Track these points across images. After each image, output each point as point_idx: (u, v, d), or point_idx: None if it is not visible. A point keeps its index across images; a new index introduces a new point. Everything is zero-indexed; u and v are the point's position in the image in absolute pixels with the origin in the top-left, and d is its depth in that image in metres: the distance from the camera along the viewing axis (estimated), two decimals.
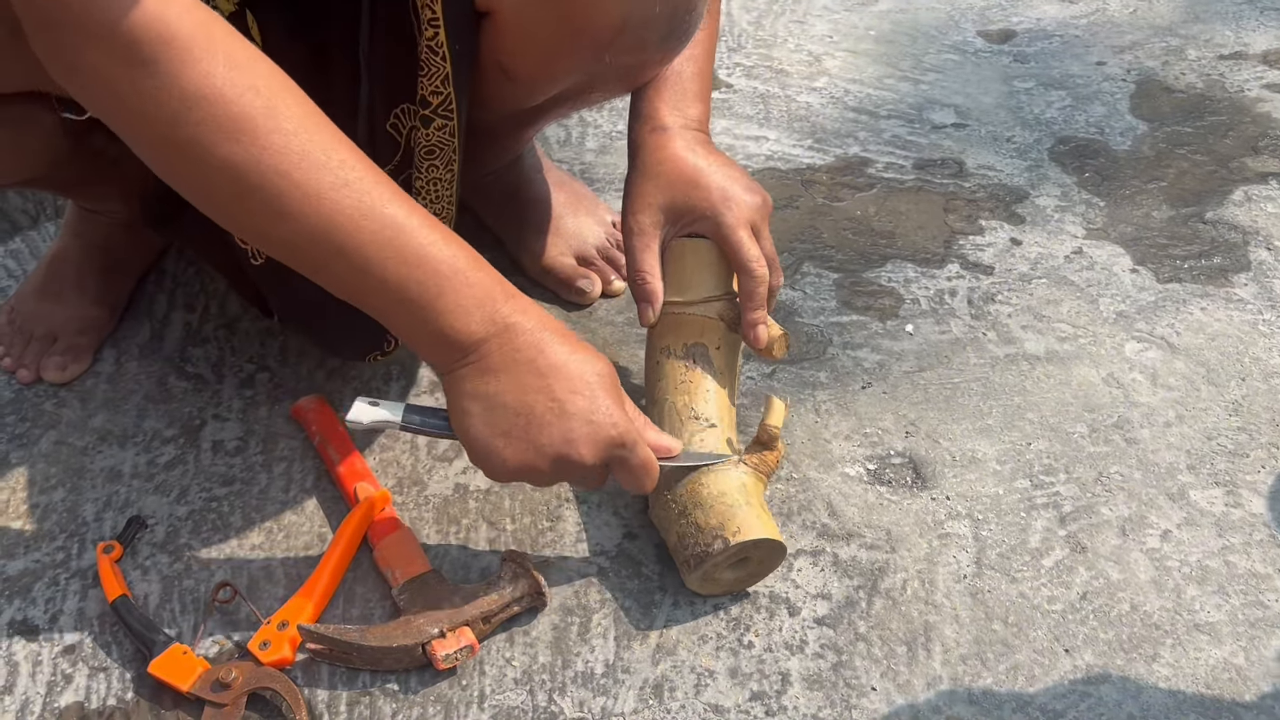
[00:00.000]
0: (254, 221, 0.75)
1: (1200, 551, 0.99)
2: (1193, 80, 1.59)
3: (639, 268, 0.97)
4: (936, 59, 1.63)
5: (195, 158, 0.71)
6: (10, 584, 0.95)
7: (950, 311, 1.22)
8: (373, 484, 0.99)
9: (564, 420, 0.80)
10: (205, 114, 0.69)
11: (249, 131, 0.70)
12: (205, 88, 0.69)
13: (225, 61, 0.69)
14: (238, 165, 0.71)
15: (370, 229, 0.74)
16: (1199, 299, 1.24)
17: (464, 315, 0.78)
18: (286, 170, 0.71)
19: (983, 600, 0.95)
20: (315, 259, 0.77)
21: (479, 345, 0.79)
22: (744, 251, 0.95)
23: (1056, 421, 1.10)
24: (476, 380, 0.80)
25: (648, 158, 0.97)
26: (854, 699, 0.88)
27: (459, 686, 0.88)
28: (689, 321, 0.98)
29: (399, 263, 0.75)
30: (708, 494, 0.90)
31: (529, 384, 0.80)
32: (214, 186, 0.74)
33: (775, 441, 0.94)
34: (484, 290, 0.78)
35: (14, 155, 0.89)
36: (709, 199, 0.96)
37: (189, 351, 1.15)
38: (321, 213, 0.73)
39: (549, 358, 0.80)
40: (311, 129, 0.73)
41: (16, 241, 1.28)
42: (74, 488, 1.02)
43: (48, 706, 0.87)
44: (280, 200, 0.72)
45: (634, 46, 0.89)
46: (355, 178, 0.74)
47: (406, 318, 0.78)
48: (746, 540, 0.88)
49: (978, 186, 1.40)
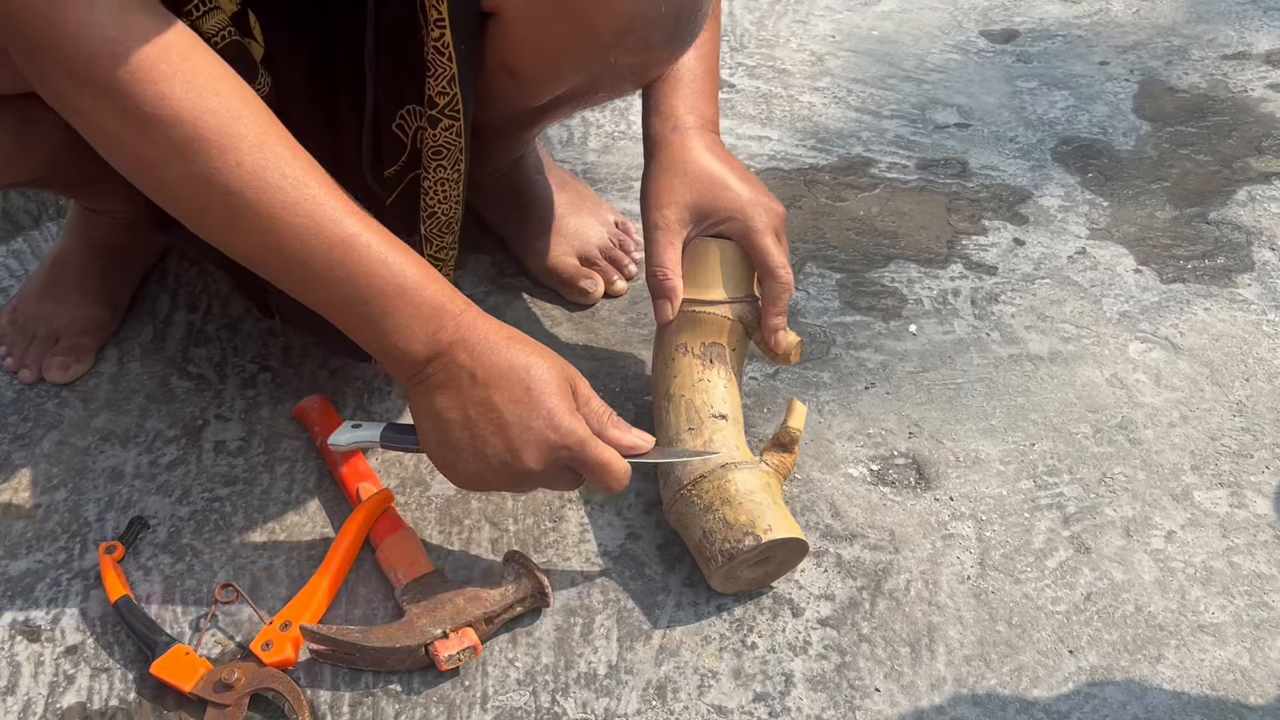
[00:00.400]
0: (214, 232, 0.79)
1: (1205, 552, 0.99)
2: (1196, 80, 1.59)
3: (661, 263, 0.97)
4: (939, 59, 1.63)
5: (156, 176, 0.75)
6: (12, 584, 0.95)
7: (954, 312, 1.22)
8: (375, 484, 0.99)
9: (504, 431, 0.81)
10: (160, 136, 0.72)
11: (202, 153, 0.73)
12: (161, 111, 0.72)
13: (183, 84, 0.72)
14: (193, 183, 0.74)
15: (319, 248, 0.76)
16: (1203, 299, 1.24)
17: (408, 335, 0.80)
18: (238, 190, 0.74)
19: (986, 601, 0.95)
20: (272, 272, 0.79)
21: (425, 364, 0.81)
22: (772, 258, 0.97)
23: (1060, 422, 1.10)
24: (426, 398, 0.83)
25: (672, 155, 0.98)
26: (858, 700, 0.88)
27: (462, 687, 0.88)
28: (709, 321, 0.98)
29: (346, 282, 0.78)
30: (736, 491, 0.90)
31: (470, 398, 0.81)
32: (176, 201, 0.77)
33: (795, 444, 0.95)
34: (430, 309, 0.80)
35: (18, 157, 0.89)
36: (738, 202, 0.97)
37: (191, 352, 1.15)
38: (273, 230, 0.76)
39: (489, 370, 0.81)
40: (267, 147, 0.75)
41: (19, 241, 1.28)
42: (76, 488, 1.02)
43: (50, 707, 0.87)
44: (234, 216, 0.75)
45: (639, 46, 0.88)
46: (308, 196, 0.76)
47: (360, 333, 0.81)
48: (777, 539, 0.88)
49: (981, 186, 1.39)
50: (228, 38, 0.82)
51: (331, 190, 0.77)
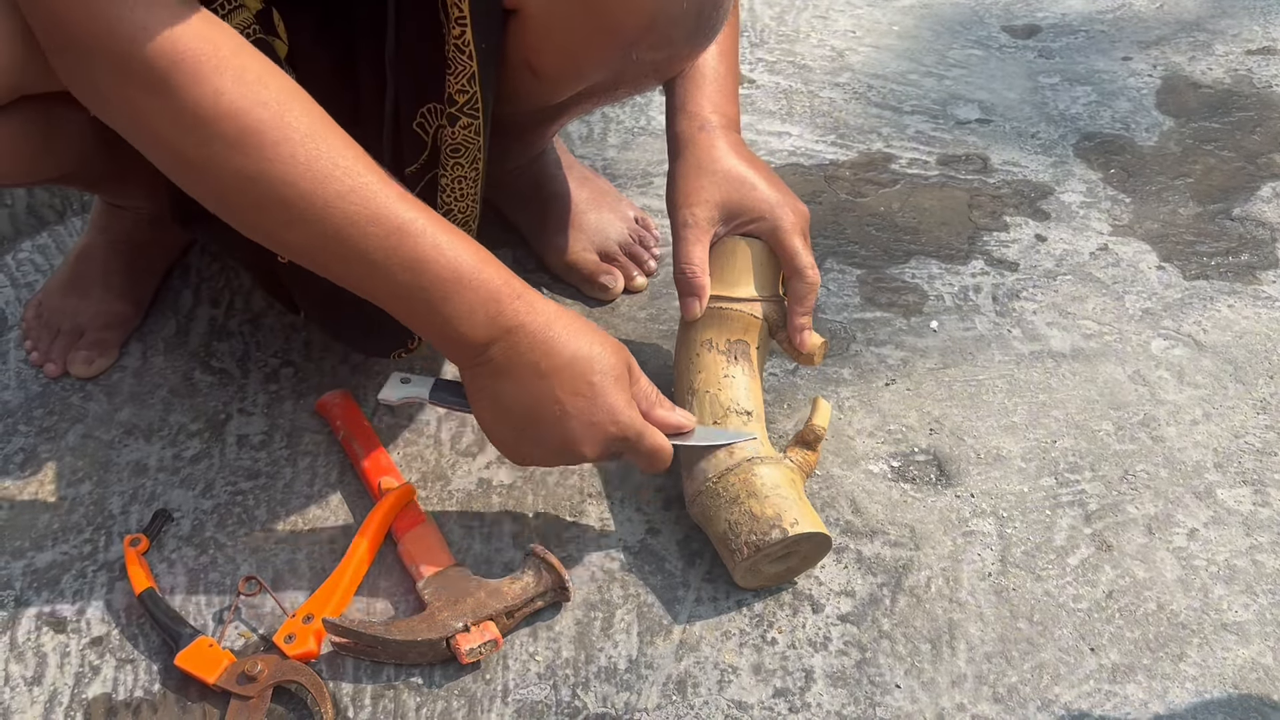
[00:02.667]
0: (268, 229, 0.78)
1: (1228, 550, 0.98)
2: (1220, 75, 1.57)
3: (689, 260, 0.98)
4: (961, 54, 1.62)
5: (209, 173, 0.74)
6: (39, 576, 0.96)
7: (975, 308, 1.22)
8: (397, 478, 1.00)
9: (565, 422, 0.83)
10: (215, 131, 0.72)
11: (256, 145, 0.72)
12: (215, 106, 0.71)
13: (234, 78, 0.72)
14: (248, 177, 0.73)
15: (376, 235, 0.76)
16: (1226, 296, 1.23)
17: (468, 320, 0.80)
18: (293, 180, 0.74)
19: (1007, 598, 0.94)
20: (327, 264, 0.79)
21: (486, 349, 0.81)
22: (800, 258, 0.98)
23: (1082, 419, 1.09)
24: (486, 381, 0.83)
25: (700, 154, 0.99)
26: (878, 696, 0.88)
27: (483, 680, 0.88)
28: (735, 318, 0.99)
29: (403, 269, 0.77)
30: (762, 484, 0.90)
31: (531, 388, 0.82)
32: (228, 198, 0.77)
33: (819, 442, 0.95)
34: (489, 293, 0.80)
35: (44, 154, 0.90)
36: (766, 202, 0.98)
37: (214, 346, 1.16)
38: (329, 220, 0.75)
39: (552, 359, 0.82)
40: (319, 138, 0.75)
41: (43, 236, 1.29)
42: (100, 481, 1.03)
43: (75, 698, 0.87)
44: (289, 209, 0.75)
45: (661, 43, 0.88)
46: (361, 184, 0.76)
47: (418, 321, 0.81)
48: (803, 533, 0.88)
49: (1002, 182, 1.39)
50: (253, 35, 0.82)
51: (383, 178, 0.77)
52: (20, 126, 0.83)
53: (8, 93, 0.78)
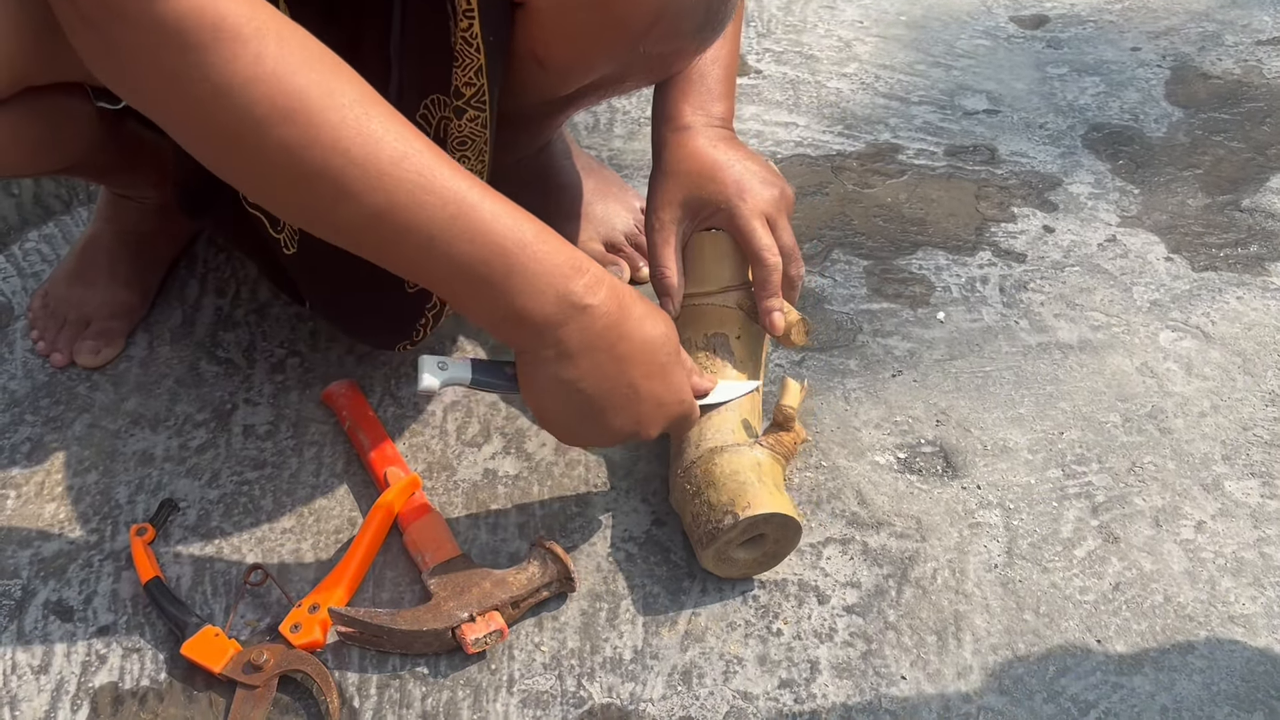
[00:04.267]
0: (314, 206, 0.73)
1: (1235, 543, 0.98)
2: (1230, 66, 1.56)
3: (658, 262, 0.98)
4: (969, 44, 1.61)
5: (251, 144, 0.69)
6: (45, 565, 0.96)
7: (982, 299, 1.21)
8: (403, 469, 1.00)
9: (637, 404, 0.83)
10: (259, 95, 0.67)
11: (304, 110, 0.68)
12: (258, 70, 0.67)
13: (277, 42, 0.67)
14: (294, 147, 0.68)
15: (432, 204, 0.71)
16: (1235, 288, 1.23)
17: (536, 296, 0.75)
18: (345, 147, 0.69)
19: (1014, 590, 0.94)
20: (378, 240, 0.74)
21: (556, 329, 0.77)
22: (755, 240, 0.96)
23: (1089, 411, 1.09)
24: (555, 365, 0.79)
25: (670, 156, 0.99)
26: (883, 687, 0.88)
27: (488, 670, 0.88)
28: (708, 312, 0.99)
29: (465, 240, 0.73)
30: (720, 472, 0.90)
31: (607, 371, 0.80)
32: (270, 173, 0.71)
33: (790, 422, 0.94)
34: (554, 266, 0.76)
35: (51, 146, 0.90)
36: (724, 192, 0.97)
37: (220, 336, 1.16)
38: (382, 189, 0.70)
39: (628, 342, 0.80)
40: (367, 104, 0.70)
41: (50, 226, 1.29)
42: (107, 470, 1.03)
43: (82, 686, 0.88)
44: (339, 179, 0.70)
45: (669, 35, 0.88)
46: (414, 150, 0.71)
47: (477, 299, 0.76)
48: (756, 515, 0.87)
49: (1010, 173, 1.38)
50: None
51: (434, 148, 0.73)
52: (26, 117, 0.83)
53: (13, 84, 0.78)
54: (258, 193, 0.75)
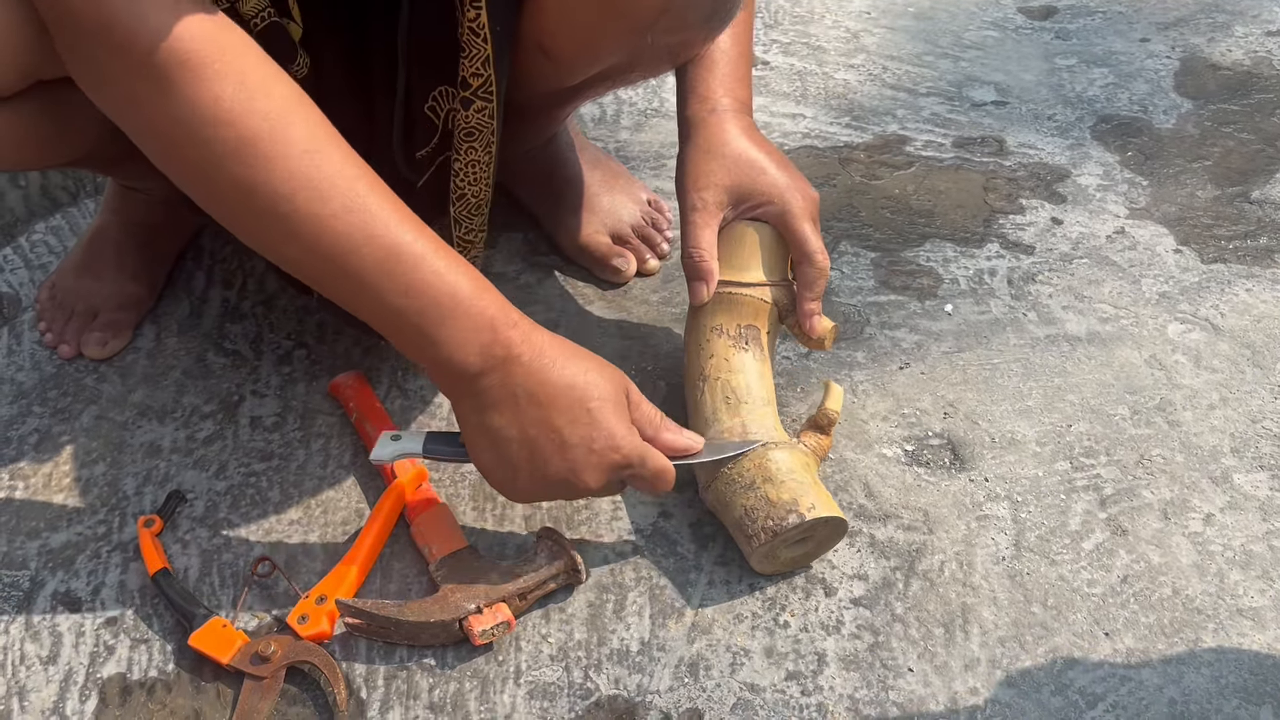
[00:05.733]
0: (264, 240, 0.77)
1: (1244, 536, 0.98)
2: (1239, 57, 1.56)
3: (697, 244, 0.97)
4: (976, 35, 1.61)
5: (205, 177, 0.73)
6: (54, 556, 0.96)
7: (990, 291, 1.21)
8: (410, 461, 0.99)
9: (566, 452, 0.81)
10: (214, 135, 0.71)
11: (253, 156, 0.71)
12: (216, 111, 0.70)
13: (236, 84, 0.71)
14: (244, 187, 0.72)
15: (373, 257, 0.75)
16: (1244, 280, 1.22)
17: (462, 348, 0.78)
18: (289, 194, 0.72)
19: (1021, 582, 0.94)
20: (321, 279, 0.78)
21: (478, 379, 0.80)
22: (810, 243, 0.97)
23: (1098, 403, 1.09)
24: (481, 414, 0.81)
25: (710, 138, 0.98)
26: (891, 680, 0.88)
27: (495, 662, 0.89)
28: (745, 303, 0.98)
29: (400, 293, 0.76)
30: (778, 469, 0.90)
31: (529, 417, 0.80)
32: (224, 205, 0.76)
33: (832, 426, 0.95)
34: (484, 320, 0.78)
35: (59, 139, 0.90)
36: (776, 186, 0.97)
37: (227, 328, 1.16)
38: (323, 238, 0.74)
39: (548, 389, 0.80)
40: (318, 153, 0.73)
41: (57, 218, 1.29)
42: (114, 462, 1.03)
43: (90, 677, 0.88)
44: (285, 223, 0.73)
45: (677, 26, 0.88)
46: (359, 205, 0.74)
47: (408, 345, 0.80)
48: (820, 517, 0.88)
49: (1018, 165, 1.38)
50: (267, 19, 0.81)
51: (384, 196, 0.76)
52: (36, 112, 0.83)
53: (22, 78, 0.78)
54: (217, 217, 0.78)
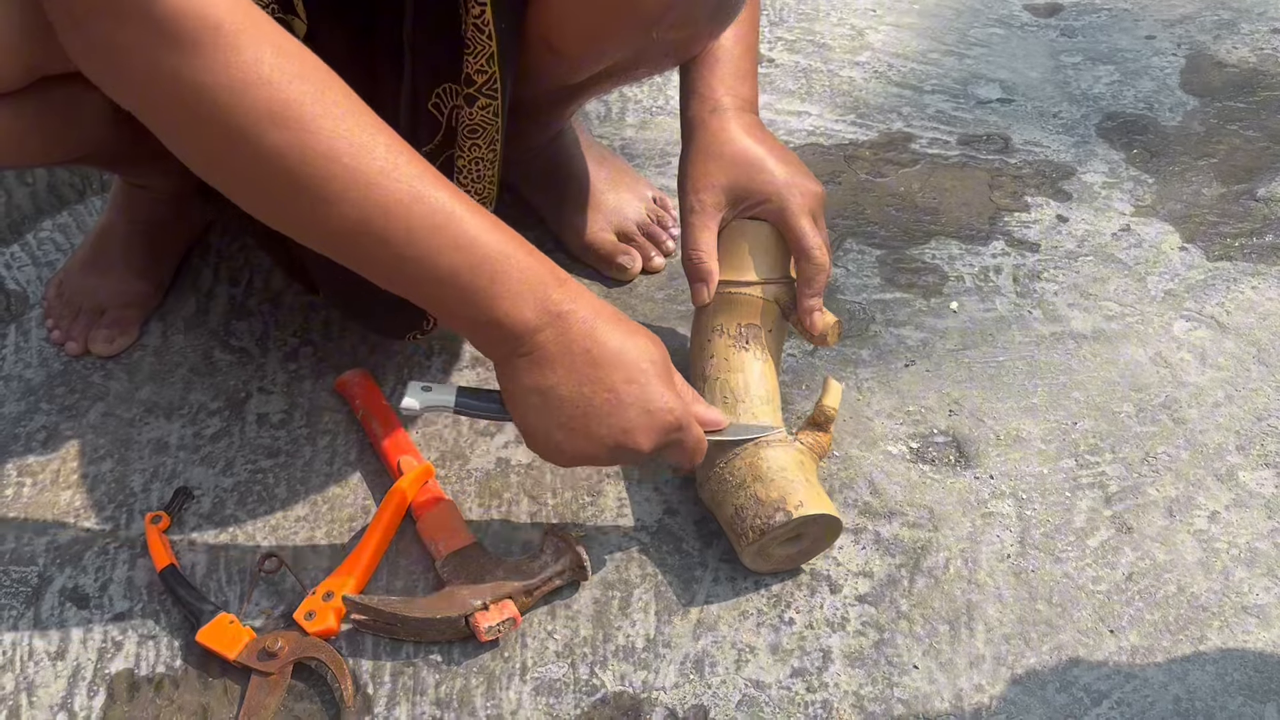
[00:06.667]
0: (301, 210, 0.74)
1: (1249, 533, 0.98)
2: (1245, 54, 1.56)
3: (696, 246, 0.97)
4: (982, 33, 1.60)
5: (243, 147, 0.70)
6: (61, 552, 0.96)
7: (995, 289, 1.21)
8: (416, 457, 1.00)
9: (621, 411, 0.80)
10: (254, 100, 0.68)
11: (297, 118, 0.69)
12: (254, 74, 0.68)
13: (273, 49, 0.69)
14: (285, 152, 0.70)
15: (420, 214, 0.73)
16: (1250, 277, 1.22)
17: (518, 302, 0.76)
18: (335, 155, 0.71)
19: (1026, 580, 0.94)
20: (362, 247, 0.75)
21: (533, 335, 0.78)
22: (807, 239, 0.96)
23: (1103, 401, 1.09)
24: (533, 372, 0.79)
25: (709, 138, 0.97)
26: (896, 677, 0.88)
27: (501, 658, 0.89)
28: (745, 302, 0.98)
29: (451, 249, 0.74)
30: (768, 468, 0.90)
31: (585, 375, 0.79)
32: (260, 175, 0.72)
33: (830, 423, 0.95)
34: (536, 276, 0.77)
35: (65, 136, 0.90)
36: (774, 184, 0.96)
37: (234, 325, 1.16)
38: (370, 199, 0.72)
39: (603, 347, 0.79)
40: (357, 116, 0.72)
41: (64, 215, 1.30)
42: (122, 459, 1.04)
43: (98, 673, 0.88)
44: (328, 186, 0.71)
45: (683, 22, 0.88)
46: (403, 162, 0.73)
47: (458, 306, 0.77)
48: (808, 515, 0.88)
49: (1024, 163, 1.38)
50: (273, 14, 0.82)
51: (421, 159, 0.75)
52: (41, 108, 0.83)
53: (27, 74, 0.78)
54: (244, 195, 0.75)
